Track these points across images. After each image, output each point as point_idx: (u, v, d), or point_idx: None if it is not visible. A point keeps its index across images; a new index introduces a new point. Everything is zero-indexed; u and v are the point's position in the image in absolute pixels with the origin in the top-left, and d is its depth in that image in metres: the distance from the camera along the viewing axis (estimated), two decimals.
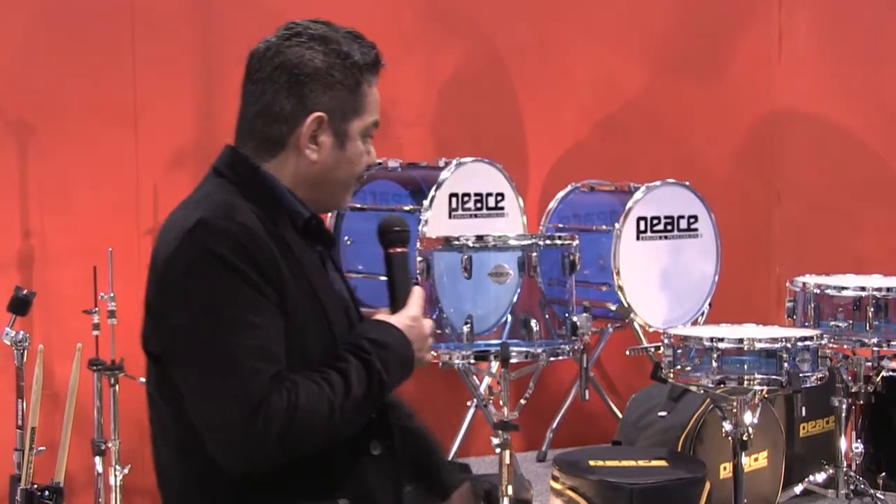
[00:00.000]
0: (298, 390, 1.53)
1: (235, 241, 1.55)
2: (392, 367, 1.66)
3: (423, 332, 1.74)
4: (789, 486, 3.83)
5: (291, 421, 1.51)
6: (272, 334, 1.55)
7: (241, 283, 1.54)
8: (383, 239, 1.82)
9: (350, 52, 1.69)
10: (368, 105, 1.70)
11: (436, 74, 4.43)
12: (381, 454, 1.69)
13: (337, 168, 1.69)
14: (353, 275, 3.98)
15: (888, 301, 3.67)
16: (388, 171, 4.05)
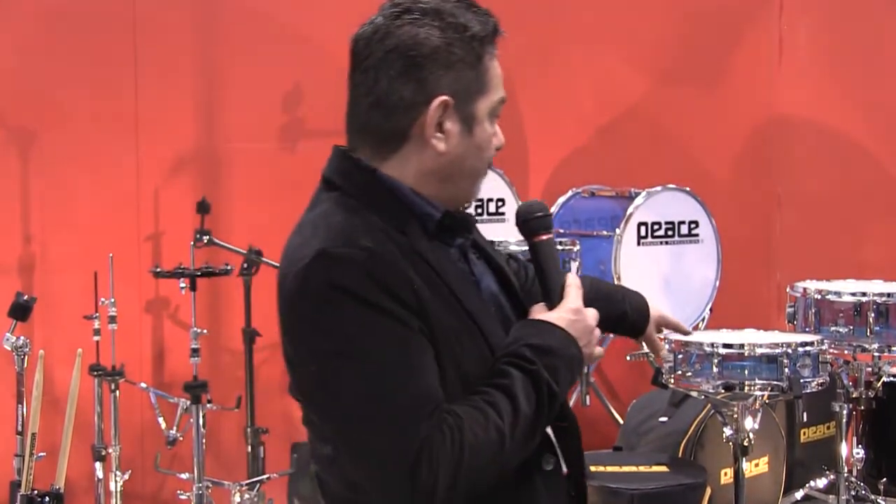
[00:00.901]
0: (462, 425, 1.34)
1: (362, 270, 1.35)
2: (561, 374, 1.44)
3: (587, 324, 1.50)
4: (790, 491, 3.83)
5: (459, 462, 1.33)
6: (422, 366, 1.36)
7: (376, 315, 1.34)
8: (525, 227, 1.58)
9: (467, 23, 1.44)
10: (492, 80, 1.48)
11: None
12: (553, 469, 1.51)
13: (466, 157, 1.47)
14: None
15: (889, 307, 3.67)
16: None
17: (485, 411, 1.37)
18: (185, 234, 3.64)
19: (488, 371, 1.42)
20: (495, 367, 1.42)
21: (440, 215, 1.49)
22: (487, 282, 1.57)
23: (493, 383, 1.40)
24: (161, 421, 3.43)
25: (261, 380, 3.78)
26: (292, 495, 3.75)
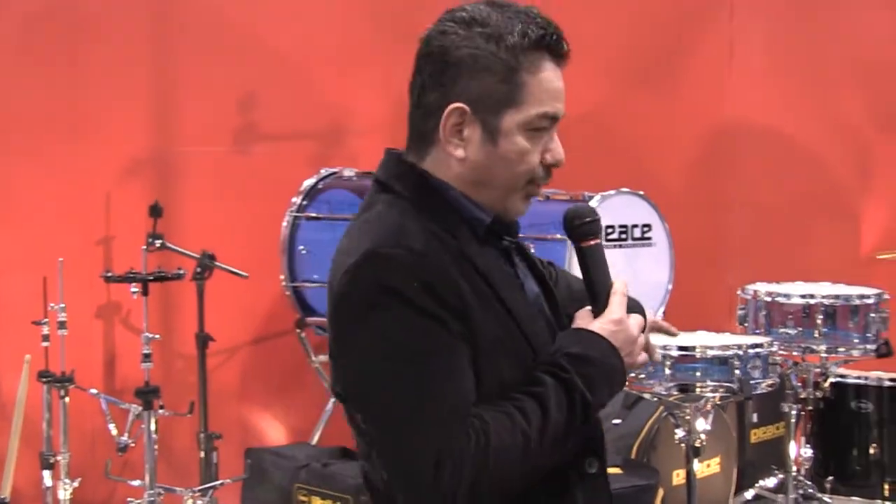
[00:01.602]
0: (488, 429, 1.36)
1: (409, 271, 1.38)
2: (598, 383, 1.45)
3: (630, 335, 1.50)
4: (741, 491, 3.88)
5: (483, 465, 1.35)
6: (457, 370, 1.38)
7: (419, 317, 1.36)
8: (573, 232, 1.56)
9: (506, 33, 1.44)
10: (530, 94, 1.46)
11: (392, 83, 4.43)
12: (597, 472, 1.53)
13: (492, 167, 1.46)
14: (307, 284, 3.97)
15: (836, 308, 3.73)
16: (343, 180, 4.04)
17: (512, 416, 1.39)
18: (137, 238, 3.61)
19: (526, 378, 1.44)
20: (532, 376, 1.44)
21: (489, 220, 1.50)
22: (530, 284, 1.57)
23: (526, 391, 1.42)
24: (112, 427, 3.39)
25: (214, 385, 3.75)
26: (245, 501, 3.72)
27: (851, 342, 3.75)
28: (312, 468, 3.52)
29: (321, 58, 4.29)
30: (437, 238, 1.43)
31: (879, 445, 3.74)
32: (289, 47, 4.23)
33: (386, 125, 4.44)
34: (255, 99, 4.13)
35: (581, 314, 1.54)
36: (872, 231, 5.39)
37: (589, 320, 1.52)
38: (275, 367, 4.22)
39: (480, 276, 1.44)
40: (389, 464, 1.40)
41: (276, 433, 4.20)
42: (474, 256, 1.46)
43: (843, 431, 3.80)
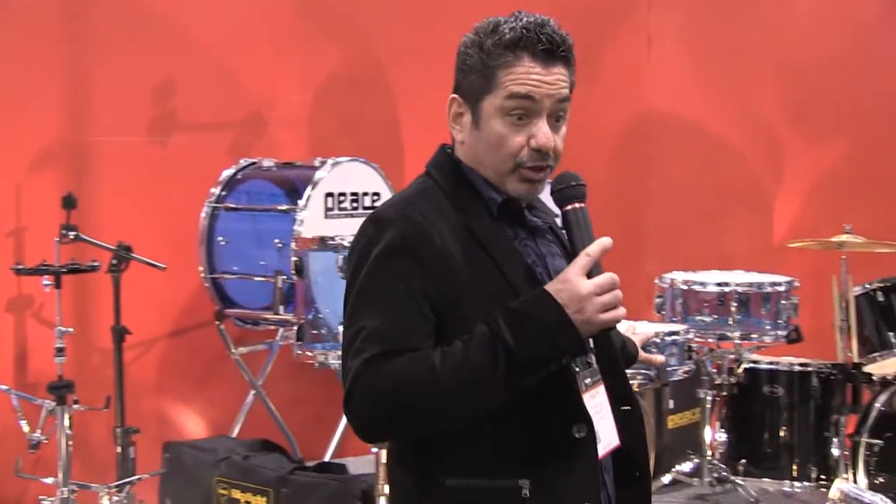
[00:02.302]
0: (397, 365, 1.55)
1: (397, 232, 1.60)
2: (529, 336, 1.55)
3: (576, 292, 1.57)
4: (658, 476, 3.95)
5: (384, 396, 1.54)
6: (399, 318, 1.58)
7: (388, 268, 1.59)
8: (558, 196, 1.69)
9: (486, 38, 1.69)
10: (502, 83, 1.65)
11: (312, 74, 4.41)
12: (584, 438, 1.63)
13: (478, 148, 1.68)
14: (227, 276, 3.92)
15: (750, 296, 3.83)
16: (262, 170, 4.00)
17: (429, 355, 1.56)
18: (49, 229, 3.52)
19: None
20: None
21: (502, 200, 1.68)
22: (558, 263, 1.71)
23: (459, 337, 1.58)
24: (24, 424, 3.31)
25: (131, 378, 3.69)
26: (164, 495, 3.67)
27: (764, 329, 3.85)
28: (232, 461, 3.48)
29: (241, 47, 4.23)
30: (440, 210, 1.65)
31: (789, 428, 3.85)
32: (208, 35, 4.17)
33: (306, 116, 4.41)
34: (172, 87, 4.06)
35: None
36: (784, 221, 5.53)
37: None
38: (194, 359, 4.16)
39: (479, 244, 1.63)
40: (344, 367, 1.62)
41: (196, 426, 4.14)
42: (479, 229, 1.65)
43: (756, 416, 3.90)
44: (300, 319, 3.48)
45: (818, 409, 3.83)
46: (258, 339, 4.11)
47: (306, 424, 4.17)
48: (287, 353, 3.75)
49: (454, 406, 1.56)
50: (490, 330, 1.56)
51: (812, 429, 3.82)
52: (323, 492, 3.25)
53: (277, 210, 3.81)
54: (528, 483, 1.59)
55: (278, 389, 4.13)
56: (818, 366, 3.85)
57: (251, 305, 3.88)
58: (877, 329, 3.93)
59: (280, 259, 3.69)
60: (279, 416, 4.06)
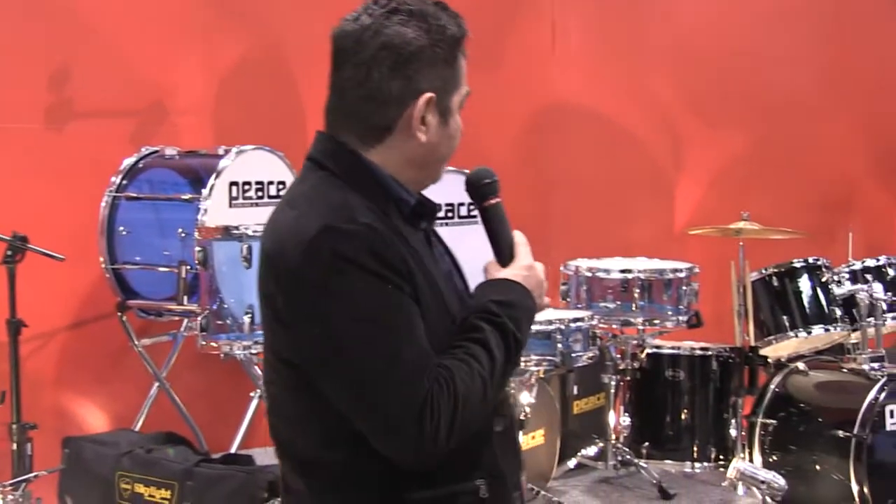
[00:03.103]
0: (454, 377, 1.51)
1: (365, 244, 1.50)
2: (522, 323, 1.62)
3: (539, 278, 1.68)
4: (564, 460, 4.02)
5: (455, 410, 1.50)
6: (417, 326, 1.52)
7: (380, 284, 1.50)
8: (475, 193, 1.73)
9: (446, 25, 1.61)
10: (462, 76, 1.65)
11: (216, 61, 4.34)
12: (503, 430, 1.67)
13: (440, 146, 1.63)
14: (128, 266, 3.85)
15: (652, 282, 3.91)
16: (165, 159, 3.93)
17: (468, 362, 1.53)
18: None
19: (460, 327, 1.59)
20: (468, 323, 1.58)
21: (414, 201, 1.64)
22: (446, 264, 1.72)
23: (469, 337, 1.56)
24: None
25: (28, 373, 3.59)
26: (63, 493, 3.58)
27: (666, 314, 3.94)
28: (135, 455, 3.42)
29: (141, 33, 4.14)
30: (375, 213, 1.56)
31: (690, 411, 3.95)
32: (106, 20, 4.06)
33: (209, 104, 4.34)
34: (69, 74, 3.95)
35: (490, 265, 1.69)
36: (685, 208, 5.67)
37: (500, 270, 1.68)
38: (95, 352, 4.07)
39: (413, 249, 1.59)
40: (371, 422, 1.51)
41: (97, 420, 4.06)
42: (405, 233, 1.60)
43: (658, 399, 3.99)
44: (205, 310, 3.43)
45: (717, 391, 3.94)
46: (162, 331, 4.04)
47: (212, 416, 4.12)
48: (191, 344, 3.69)
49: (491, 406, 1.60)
50: (497, 325, 1.57)
51: (711, 411, 3.93)
52: (229, 483, 3.21)
53: (181, 199, 3.75)
54: (483, 482, 1.60)
55: (183, 381, 4.07)
56: (717, 350, 3.96)
57: (154, 296, 3.81)
58: (772, 313, 4.06)
59: (184, 249, 3.63)
60: (184, 408, 4.00)
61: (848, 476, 3.48)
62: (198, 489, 3.23)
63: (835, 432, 3.56)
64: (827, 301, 4.02)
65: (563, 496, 3.88)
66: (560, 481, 4.03)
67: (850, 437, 3.48)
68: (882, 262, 4.20)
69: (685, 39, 5.58)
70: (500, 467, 1.63)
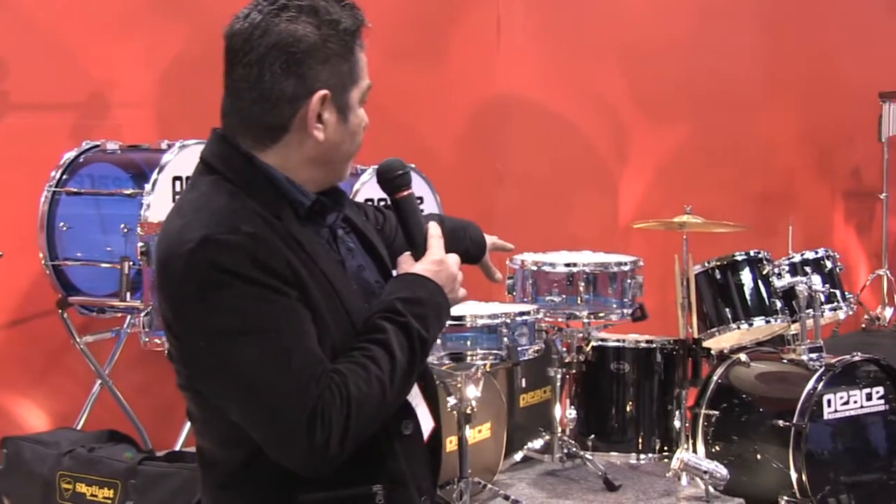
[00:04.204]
0: (347, 381, 1.47)
1: (246, 253, 1.46)
2: (430, 321, 1.57)
3: (451, 273, 1.63)
4: (511, 454, 4.03)
5: (349, 417, 1.46)
6: (306, 332, 1.48)
7: (262, 292, 1.45)
8: (387, 186, 1.69)
9: (339, 18, 1.55)
10: (360, 69, 1.59)
11: (158, 54, 4.28)
12: (411, 434, 1.63)
13: (342, 143, 1.58)
14: (69, 262, 3.78)
15: (597, 276, 3.94)
16: (107, 153, 3.87)
17: (366, 366, 1.49)
18: None
19: (363, 327, 1.55)
20: (371, 323, 1.55)
21: (310, 202, 1.59)
22: (356, 259, 1.67)
23: (370, 338, 1.52)
24: None
25: None
26: (1, 494, 3.52)
27: (611, 307, 3.98)
28: (77, 454, 3.37)
29: (81, 24, 4.07)
30: (264, 219, 1.52)
31: (635, 403, 3.99)
32: (44, 12, 3.99)
33: (151, 98, 4.28)
34: (5, 66, 3.87)
35: (403, 259, 1.66)
36: (630, 202, 5.73)
37: (412, 264, 1.65)
38: (35, 350, 4.00)
39: (305, 252, 1.54)
40: (263, 432, 1.48)
41: (38, 420, 3.99)
42: (298, 236, 1.55)
43: (604, 392, 4.02)
44: (148, 306, 3.39)
45: (661, 383, 3.98)
46: (104, 327, 3.98)
47: (156, 413, 4.07)
48: (134, 341, 3.65)
49: (391, 409, 1.55)
50: (400, 325, 1.53)
51: (656, 403, 3.98)
52: (173, 481, 3.18)
53: (123, 194, 3.70)
54: (381, 488, 1.57)
55: (126, 378, 4.02)
56: (661, 342, 4.00)
57: (96, 292, 3.76)
58: (715, 305, 4.12)
59: (126, 244, 3.58)
60: (127, 405, 3.95)
61: (787, 464, 3.54)
62: (141, 487, 3.20)
63: (775, 422, 3.62)
64: (768, 293, 4.09)
65: (509, 489, 3.91)
66: (507, 474, 4.05)
67: (790, 426, 3.55)
68: (820, 254, 4.29)
69: (629, 34, 5.64)
70: (404, 472, 1.60)
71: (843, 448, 3.66)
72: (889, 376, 3.73)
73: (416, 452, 1.64)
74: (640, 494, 3.93)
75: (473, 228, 2.09)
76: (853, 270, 6.72)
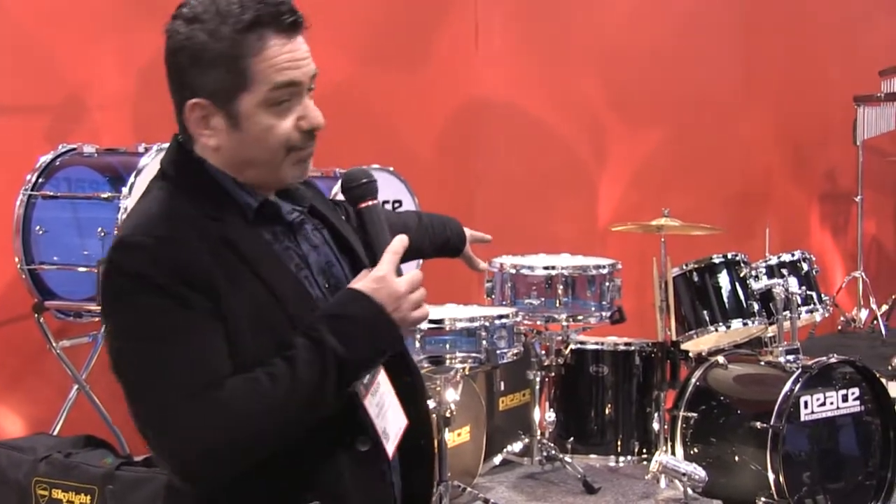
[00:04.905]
0: (229, 397, 1.42)
1: (152, 257, 1.45)
2: (356, 339, 1.48)
3: (394, 290, 1.51)
4: (490, 457, 4.04)
5: (223, 431, 1.42)
6: (201, 346, 1.44)
7: (161, 299, 1.44)
8: (350, 195, 1.63)
9: (221, 25, 1.49)
10: (256, 74, 1.50)
11: (134, 56, 4.25)
12: (369, 450, 1.56)
13: (244, 149, 1.53)
14: (45, 266, 3.75)
15: (575, 279, 3.96)
16: (83, 157, 3.84)
17: (259, 381, 1.44)
18: None
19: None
20: (292, 336, 1.50)
21: (257, 204, 1.56)
22: (321, 256, 1.63)
23: (281, 353, 1.47)
24: None
25: None
26: None
27: (589, 310, 3.99)
28: (53, 460, 3.34)
29: (56, 26, 4.04)
30: (196, 224, 1.50)
31: (614, 406, 4.01)
32: (17, 13, 3.96)
33: (129, 100, 4.26)
34: None
35: (361, 275, 1.59)
36: (608, 205, 5.75)
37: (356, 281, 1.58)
38: (10, 355, 3.96)
39: (241, 257, 1.51)
40: (150, 443, 1.48)
41: (13, 425, 3.95)
42: (237, 240, 1.52)
43: (583, 395, 4.04)
44: None
45: (640, 386, 4.00)
46: (81, 332, 3.95)
47: None
48: None
49: (293, 428, 1.48)
50: (313, 340, 1.47)
51: (634, 405, 3.99)
52: (151, 486, 3.16)
53: (100, 198, 3.67)
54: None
55: (103, 383, 3.98)
56: (640, 345, 4.02)
57: (73, 297, 3.72)
58: (693, 308, 4.14)
59: (103, 248, 3.55)
60: (104, 410, 3.92)
61: (765, 466, 3.57)
62: (118, 493, 3.17)
63: (752, 423, 3.64)
64: (745, 295, 4.11)
65: (489, 492, 3.91)
66: (486, 477, 4.05)
67: (767, 427, 3.57)
68: (797, 256, 4.32)
69: (607, 38, 5.66)
70: (346, 490, 1.54)
71: (820, 449, 3.68)
72: (864, 377, 3.76)
73: (368, 471, 1.57)
74: (619, 497, 3.94)
75: (454, 222, 2.13)
76: (829, 272, 6.77)
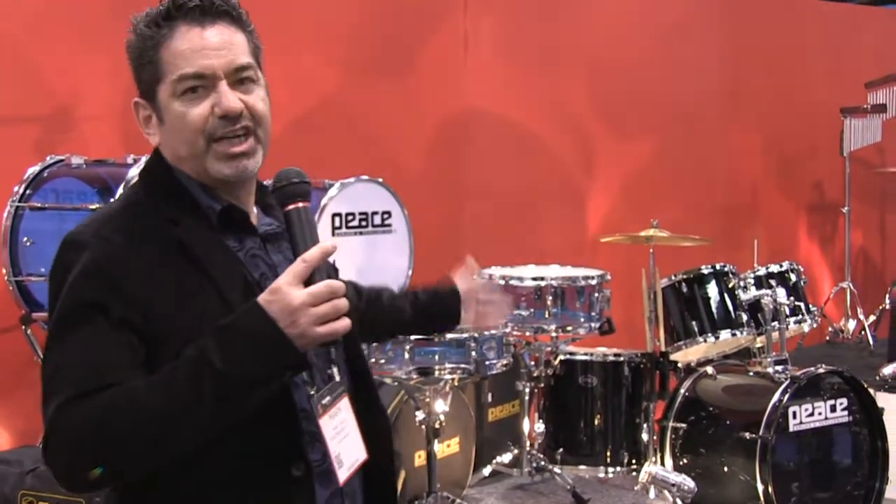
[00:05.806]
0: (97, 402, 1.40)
1: (91, 256, 1.47)
2: (240, 352, 1.40)
3: (287, 304, 1.41)
4: (479, 468, 4.03)
5: (83, 436, 1.40)
6: (98, 351, 1.44)
7: (77, 300, 1.46)
8: (279, 194, 1.53)
9: (139, 23, 1.57)
10: (166, 65, 1.52)
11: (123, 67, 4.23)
12: (303, 476, 1.50)
13: (172, 142, 1.56)
14: (33, 278, 3.74)
15: (564, 290, 3.96)
16: (72, 168, 3.83)
17: (137, 389, 1.42)
18: None
19: None
20: None
21: (221, 208, 1.56)
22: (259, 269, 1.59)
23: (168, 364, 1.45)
24: None
25: None
26: None
27: (579, 321, 3.99)
28: (40, 472, 3.32)
29: (44, 37, 4.03)
30: (153, 227, 1.51)
31: (603, 417, 4.00)
32: (7, 24, 3.95)
33: (116, 111, 4.25)
34: None
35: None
36: (596, 216, 5.76)
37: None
38: None
39: (194, 262, 1.50)
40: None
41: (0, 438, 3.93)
42: (194, 244, 1.51)
43: (572, 406, 4.03)
44: None
45: (629, 397, 4.00)
46: None
47: None
48: None
49: (167, 441, 1.42)
50: (197, 351, 1.41)
51: (624, 416, 3.99)
52: None
53: (88, 209, 3.65)
54: None
55: None
56: (629, 356, 4.02)
57: None
58: (682, 319, 4.15)
59: None
60: None
61: (754, 476, 3.57)
62: None
63: (741, 434, 3.64)
64: (734, 306, 4.12)
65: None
66: (476, 489, 4.05)
67: (756, 438, 3.57)
68: (785, 267, 4.34)
69: (595, 50, 5.68)
70: None
71: (809, 459, 3.69)
72: (852, 388, 3.77)
73: (299, 496, 1.51)
74: None
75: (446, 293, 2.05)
76: (817, 283, 6.79)
